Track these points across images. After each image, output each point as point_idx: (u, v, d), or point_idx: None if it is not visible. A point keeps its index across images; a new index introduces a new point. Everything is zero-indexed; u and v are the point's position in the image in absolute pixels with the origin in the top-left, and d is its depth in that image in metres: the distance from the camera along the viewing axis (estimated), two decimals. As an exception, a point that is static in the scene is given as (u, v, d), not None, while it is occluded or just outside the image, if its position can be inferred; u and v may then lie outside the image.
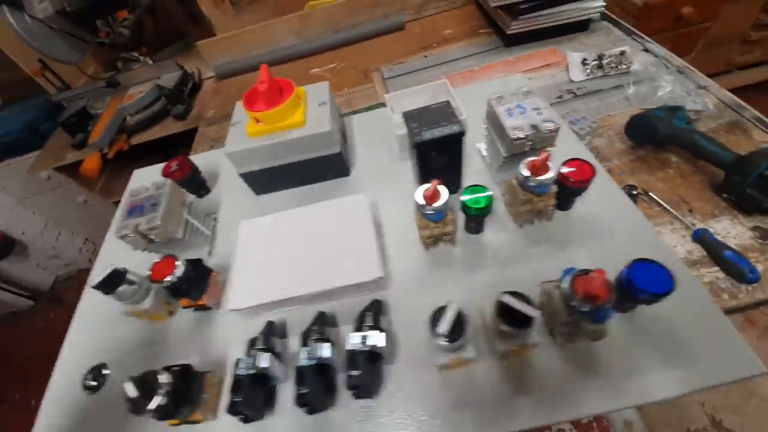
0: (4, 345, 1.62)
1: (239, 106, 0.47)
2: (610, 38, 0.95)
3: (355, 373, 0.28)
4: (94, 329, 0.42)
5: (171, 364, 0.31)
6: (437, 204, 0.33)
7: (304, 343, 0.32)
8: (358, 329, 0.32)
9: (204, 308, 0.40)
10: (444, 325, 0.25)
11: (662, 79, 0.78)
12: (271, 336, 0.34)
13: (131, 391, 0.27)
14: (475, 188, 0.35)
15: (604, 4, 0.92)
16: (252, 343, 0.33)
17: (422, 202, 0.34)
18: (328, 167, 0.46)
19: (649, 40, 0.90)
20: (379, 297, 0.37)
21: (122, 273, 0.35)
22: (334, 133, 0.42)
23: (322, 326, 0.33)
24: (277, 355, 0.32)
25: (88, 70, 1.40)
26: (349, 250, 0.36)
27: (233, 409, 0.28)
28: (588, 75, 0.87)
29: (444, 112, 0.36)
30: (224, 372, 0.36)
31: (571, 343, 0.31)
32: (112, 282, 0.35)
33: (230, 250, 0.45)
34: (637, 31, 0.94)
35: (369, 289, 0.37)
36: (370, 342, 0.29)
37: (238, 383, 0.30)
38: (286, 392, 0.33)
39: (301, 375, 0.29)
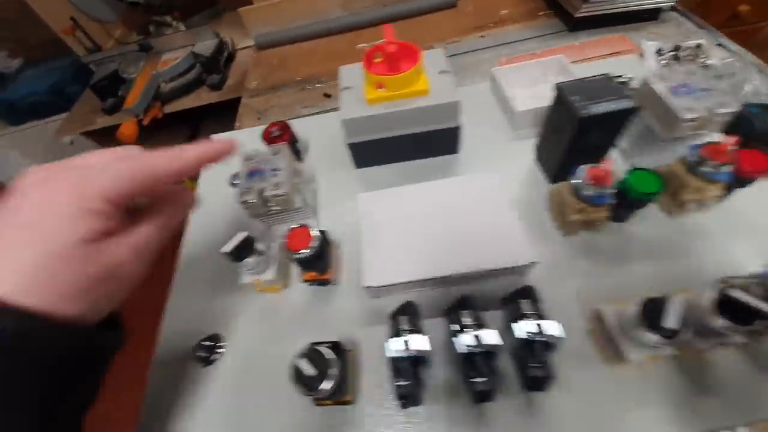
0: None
1: (348, 69, 0.44)
2: (681, 30, 0.91)
3: (536, 364, 0.26)
4: (196, 297, 0.40)
5: (318, 341, 0.29)
6: (605, 186, 0.31)
7: (458, 328, 0.30)
8: (517, 317, 0.30)
9: (325, 283, 0.37)
10: (672, 319, 0.23)
11: (742, 75, 0.75)
12: (415, 317, 0.32)
13: (307, 368, 0.24)
14: (642, 171, 0.33)
15: None
16: (395, 323, 0.31)
17: (585, 181, 0.32)
18: (442, 142, 0.43)
19: (722, 34, 0.86)
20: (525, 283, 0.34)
21: (252, 241, 0.33)
22: (459, 105, 0.39)
23: (472, 311, 0.31)
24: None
25: (116, 33, 1.34)
26: (491, 231, 0.34)
27: (401, 394, 0.26)
28: (663, 66, 0.83)
29: (607, 85, 0.33)
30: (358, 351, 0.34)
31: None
32: (243, 249, 0.32)
33: (334, 223, 0.43)
34: (708, 25, 0.90)
35: (511, 274, 0.35)
36: (547, 331, 0.27)
37: (399, 367, 0.28)
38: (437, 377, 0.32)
39: (471, 362, 0.27)
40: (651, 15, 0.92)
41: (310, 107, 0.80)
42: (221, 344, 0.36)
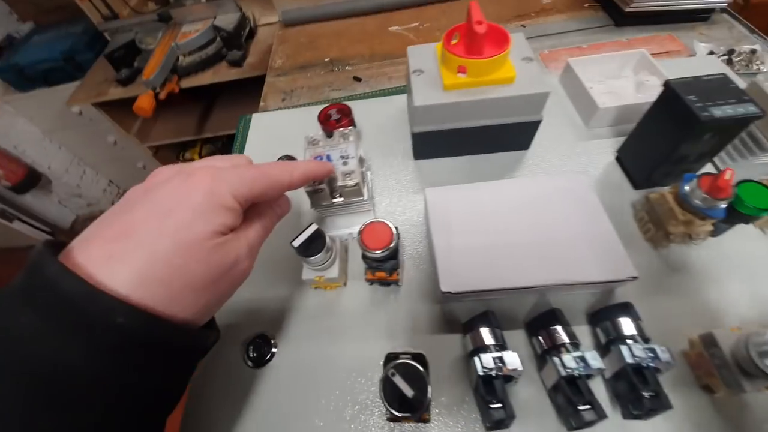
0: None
1: (417, 50, 0.40)
2: (732, 33, 0.86)
3: (650, 392, 0.23)
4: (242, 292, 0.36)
5: (397, 351, 0.26)
6: (722, 198, 0.28)
7: (549, 346, 0.27)
8: (615, 339, 0.27)
9: (389, 283, 0.34)
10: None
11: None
12: (498, 329, 0.29)
13: (406, 388, 0.21)
14: (752, 184, 0.30)
15: None
16: (477, 335, 0.28)
17: (697, 191, 0.29)
18: (517, 136, 0.40)
19: (770, 40, 0.82)
20: (620, 300, 0.31)
21: (323, 235, 0.29)
22: (547, 97, 0.35)
23: (565, 327, 0.28)
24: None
25: (132, 1, 1.27)
26: (584, 239, 0.31)
27: (495, 418, 0.24)
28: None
29: (726, 86, 0.30)
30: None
31: None
32: (312, 243, 0.29)
33: (390, 218, 0.39)
34: (758, 31, 0.86)
35: (600, 288, 0.32)
36: (660, 356, 0.24)
37: (490, 387, 0.25)
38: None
39: (575, 387, 0.24)
40: (703, 15, 0.87)
41: (340, 90, 0.76)
42: (273, 343, 0.33)
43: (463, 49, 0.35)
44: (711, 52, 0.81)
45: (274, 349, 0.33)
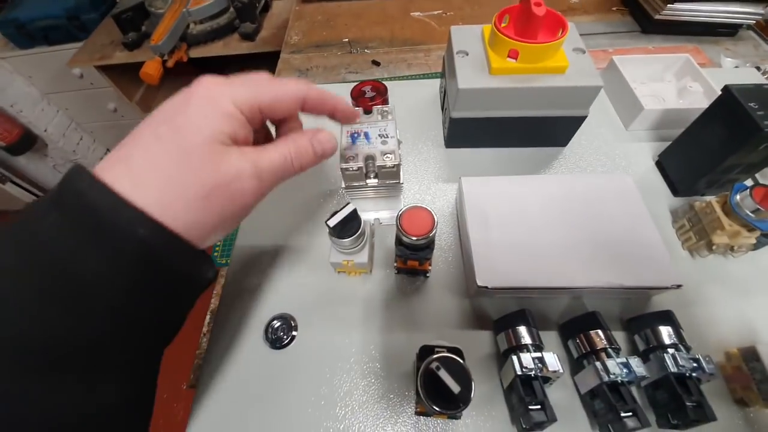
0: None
1: (461, 31, 0.38)
2: (758, 51, 0.86)
3: (693, 402, 0.23)
4: (289, 273, 0.35)
5: (432, 344, 0.25)
6: (779, 210, 0.27)
7: (587, 350, 0.26)
8: (655, 347, 0.26)
9: (418, 273, 0.33)
10: None
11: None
12: (535, 329, 0.27)
13: (452, 384, 0.20)
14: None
15: (764, 12, 0.83)
16: (514, 334, 0.27)
17: (749, 202, 0.28)
18: (559, 131, 0.38)
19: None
20: (656, 308, 0.30)
21: (358, 217, 0.28)
22: (599, 91, 0.34)
23: (604, 331, 0.27)
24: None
25: (143, -42, 1.21)
26: (628, 242, 0.30)
27: (535, 420, 0.22)
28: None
29: (790, 94, 0.28)
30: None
31: None
32: (347, 225, 0.27)
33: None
34: None
35: (640, 294, 0.31)
36: (704, 366, 0.24)
37: (529, 388, 0.24)
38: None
39: (618, 394, 0.23)
40: (729, 30, 0.86)
41: (357, 73, 0.74)
42: (294, 325, 0.31)
43: (514, 32, 0.33)
44: (736, 67, 0.80)
45: (294, 332, 0.32)
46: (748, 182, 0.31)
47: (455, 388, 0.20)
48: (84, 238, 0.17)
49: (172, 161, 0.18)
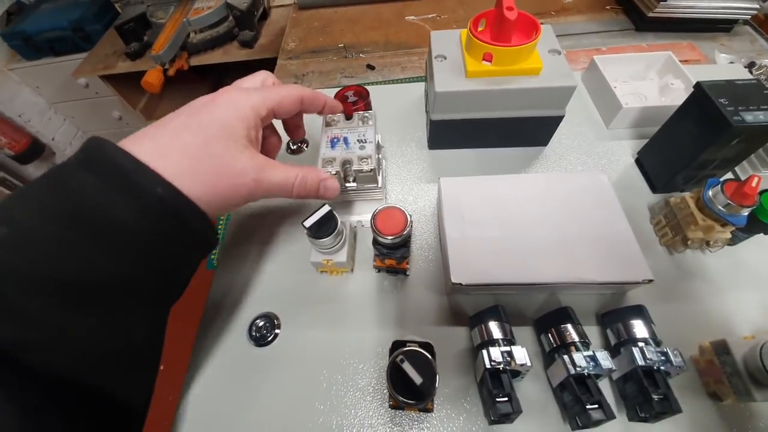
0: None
1: (440, 35, 0.39)
2: (754, 46, 0.85)
3: (660, 395, 0.23)
4: (273, 272, 0.36)
5: (404, 339, 0.26)
6: (746, 205, 0.27)
7: (558, 344, 0.27)
8: (626, 341, 0.27)
9: (397, 272, 0.34)
10: None
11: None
12: (507, 324, 0.28)
13: (415, 375, 0.21)
14: (774, 193, 0.29)
15: (759, 6, 0.82)
16: (485, 329, 0.28)
17: (721, 197, 0.28)
18: (537, 131, 0.39)
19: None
20: (632, 303, 0.31)
21: (334, 217, 0.29)
22: (573, 92, 0.34)
23: (576, 325, 0.28)
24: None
25: (145, -29, 1.24)
26: (601, 238, 0.30)
27: (501, 412, 0.23)
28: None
29: (759, 92, 0.29)
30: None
31: None
32: (323, 225, 0.28)
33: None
34: None
35: (613, 289, 0.31)
36: (672, 359, 0.24)
37: (497, 381, 0.24)
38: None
39: (584, 386, 0.24)
40: (725, 26, 0.86)
41: (352, 77, 0.75)
42: (277, 323, 0.33)
43: (490, 36, 0.34)
44: (731, 63, 0.80)
45: (277, 330, 0.33)
46: (730, 177, 0.32)
47: (418, 380, 0.21)
48: (116, 191, 0.20)
49: (195, 145, 0.22)
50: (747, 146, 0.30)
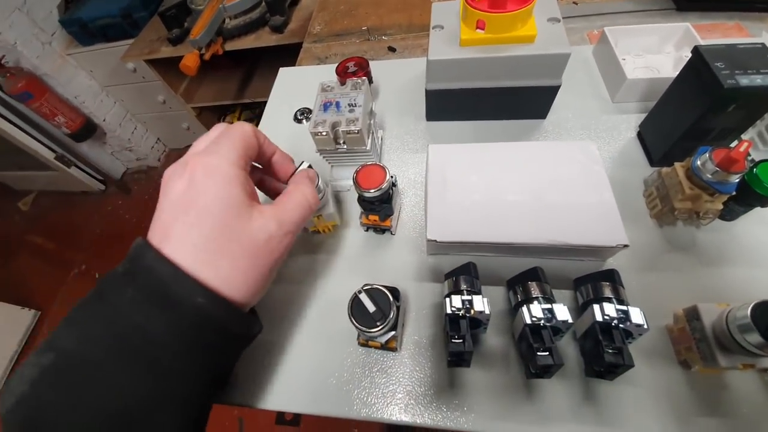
0: (75, 219, 1.74)
1: (442, 6, 0.40)
2: (805, 27, 0.77)
3: (613, 349, 0.24)
4: None
5: (373, 284, 0.28)
6: (735, 172, 0.26)
7: (524, 298, 0.28)
8: (596, 299, 0.27)
9: (383, 230, 0.36)
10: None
11: None
12: (476, 280, 0.29)
13: (369, 304, 0.23)
14: (772, 164, 0.28)
15: None
16: (455, 281, 0.29)
17: (709, 164, 0.27)
18: (533, 103, 0.39)
19: None
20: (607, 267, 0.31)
21: (315, 172, 0.31)
22: (568, 59, 0.34)
23: (542, 283, 0.28)
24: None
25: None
26: (581, 204, 0.30)
27: (454, 351, 0.25)
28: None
29: (762, 57, 0.27)
30: (406, 303, 0.33)
31: None
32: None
33: (397, 175, 0.40)
34: None
35: (592, 254, 0.31)
36: (631, 318, 0.24)
37: (455, 325, 0.26)
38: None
39: (537, 335, 0.25)
40: (772, 5, 0.78)
41: (373, 59, 0.77)
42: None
43: (486, 3, 0.34)
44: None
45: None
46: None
47: (371, 308, 0.23)
48: (155, 307, 0.20)
49: (215, 238, 0.21)
50: (747, 113, 0.29)
